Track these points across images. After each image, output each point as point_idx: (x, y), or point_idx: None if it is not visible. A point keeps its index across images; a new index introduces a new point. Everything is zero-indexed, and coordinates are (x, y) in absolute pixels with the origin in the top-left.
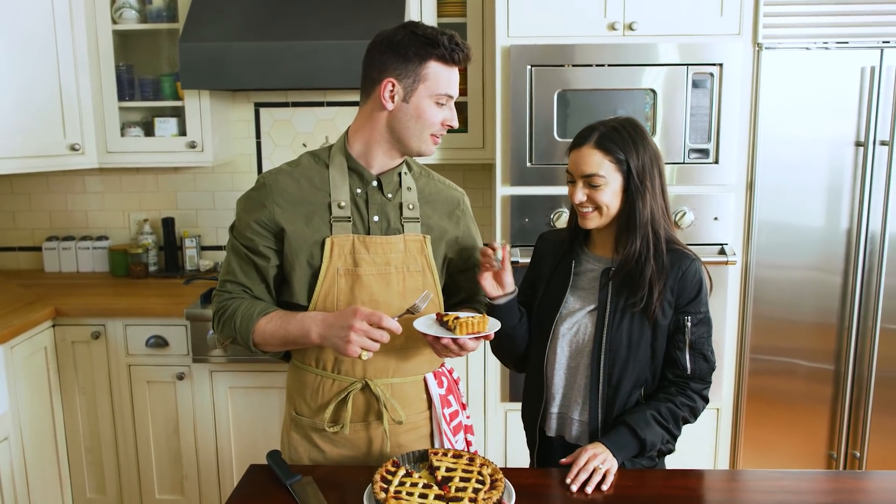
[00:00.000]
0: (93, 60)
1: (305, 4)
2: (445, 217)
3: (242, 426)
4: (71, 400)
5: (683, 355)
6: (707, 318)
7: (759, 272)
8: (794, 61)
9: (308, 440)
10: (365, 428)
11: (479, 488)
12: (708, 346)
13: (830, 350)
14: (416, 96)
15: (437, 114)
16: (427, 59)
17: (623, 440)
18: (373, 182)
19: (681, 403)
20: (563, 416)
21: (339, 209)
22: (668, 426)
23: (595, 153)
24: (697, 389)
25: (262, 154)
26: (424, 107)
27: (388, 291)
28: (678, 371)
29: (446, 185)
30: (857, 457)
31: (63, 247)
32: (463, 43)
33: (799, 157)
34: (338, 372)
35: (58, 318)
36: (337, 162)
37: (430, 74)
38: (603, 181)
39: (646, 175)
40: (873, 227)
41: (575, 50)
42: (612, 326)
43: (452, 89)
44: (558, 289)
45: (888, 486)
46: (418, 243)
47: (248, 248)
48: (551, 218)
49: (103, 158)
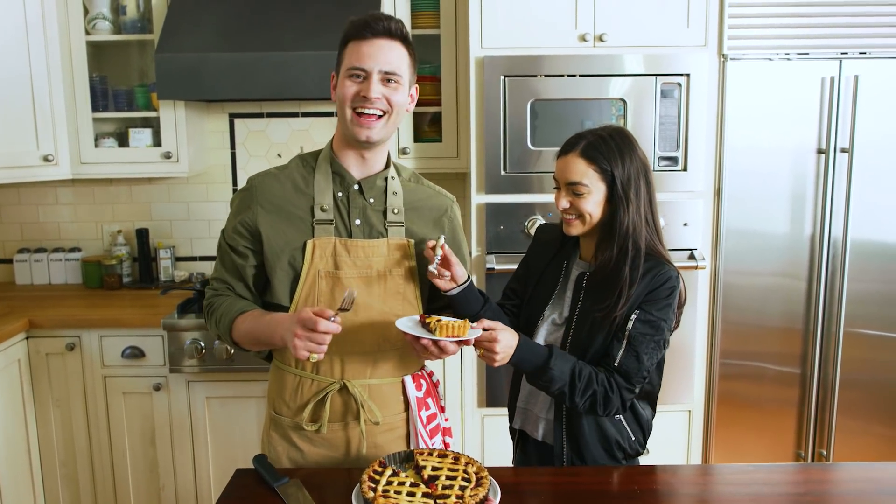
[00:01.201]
0: (66, 71)
1: (281, 16)
2: (431, 223)
3: (220, 436)
4: (45, 412)
5: (619, 346)
6: (658, 324)
7: (727, 278)
8: (757, 72)
9: (287, 440)
10: (342, 428)
11: (466, 486)
12: (645, 349)
13: (797, 353)
14: (340, 80)
15: (349, 88)
16: (346, 42)
17: (536, 351)
18: (354, 186)
19: (600, 380)
20: (526, 412)
21: (322, 212)
22: (576, 383)
23: (580, 162)
24: (620, 384)
25: (237, 165)
26: (341, 85)
27: (370, 294)
28: (607, 360)
29: (436, 191)
30: (823, 455)
31: (35, 259)
32: (371, 17)
33: (764, 165)
34: (316, 372)
35: (31, 329)
36: (323, 166)
37: (346, 55)
38: (586, 190)
39: (630, 186)
40: (836, 233)
41: (547, 61)
42: (579, 330)
43: (360, 61)
44: (548, 288)
45: (854, 476)
46: (402, 248)
47: (230, 247)
48: (525, 225)
49: (77, 169)
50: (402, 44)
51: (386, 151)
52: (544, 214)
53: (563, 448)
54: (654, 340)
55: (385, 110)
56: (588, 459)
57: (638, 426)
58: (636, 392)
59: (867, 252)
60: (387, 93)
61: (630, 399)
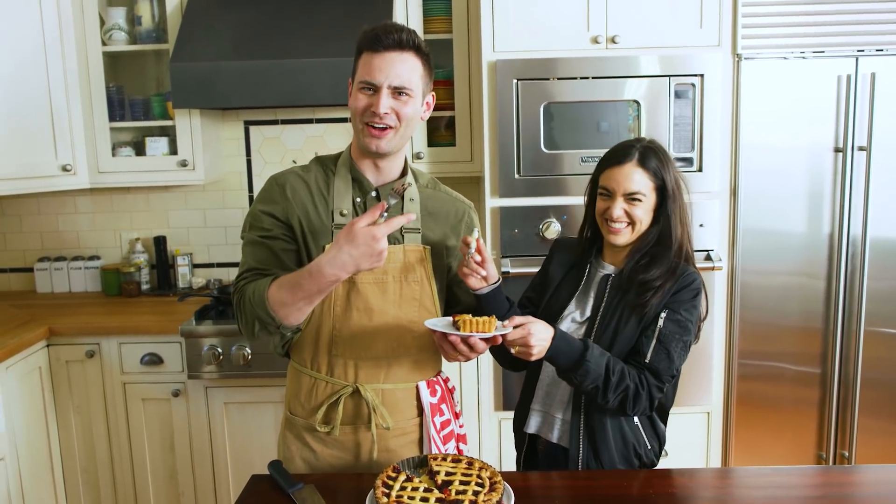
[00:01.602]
0: (83, 82)
1: (293, 23)
2: (448, 229)
3: (238, 441)
4: (66, 419)
5: (649, 343)
6: (686, 324)
7: (744, 278)
8: (772, 71)
9: (300, 440)
10: (354, 431)
11: (479, 491)
12: (675, 348)
13: (816, 353)
14: (353, 90)
15: (360, 100)
16: (360, 52)
17: (573, 344)
18: (371, 192)
19: (632, 376)
20: (545, 415)
21: (341, 217)
22: (611, 378)
23: (638, 171)
24: (650, 381)
25: (253, 171)
26: (353, 98)
27: (385, 300)
28: (638, 357)
29: (453, 196)
30: (845, 456)
31: (55, 267)
32: (383, 28)
33: (780, 164)
34: (330, 375)
35: (52, 337)
36: (342, 171)
37: (359, 66)
38: (644, 198)
39: (677, 193)
40: (854, 232)
41: (559, 63)
42: (602, 330)
43: (371, 75)
44: (566, 294)
45: (876, 479)
46: (418, 254)
47: (263, 236)
48: (540, 228)
49: (95, 178)
50: (415, 54)
51: (402, 159)
52: (559, 217)
53: (580, 450)
54: (683, 341)
55: (394, 125)
56: (605, 462)
57: (654, 435)
58: (664, 391)
59: (887, 250)
60: (396, 106)
61: (658, 398)
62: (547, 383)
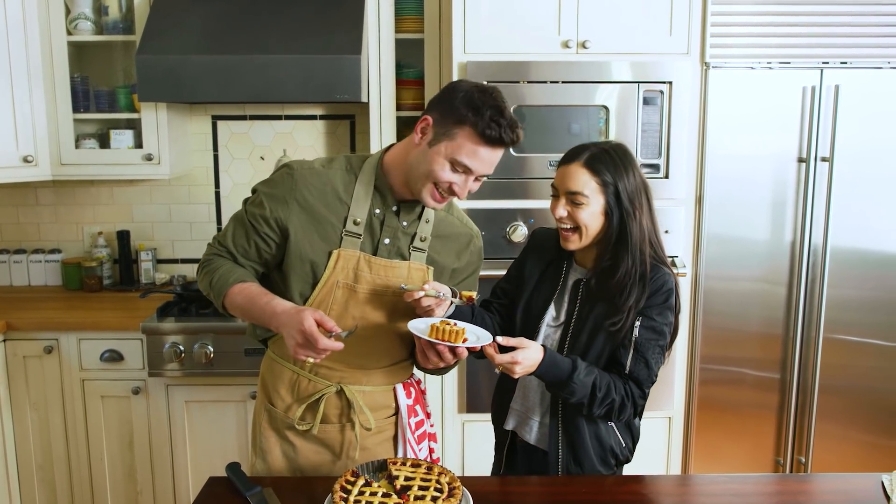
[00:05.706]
0: (47, 71)
1: (264, 18)
2: (454, 254)
3: (199, 440)
4: (22, 416)
5: (626, 353)
6: (661, 329)
7: (708, 284)
8: (739, 80)
9: (278, 433)
10: (335, 430)
11: (438, 496)
12: (653, 355)
13: (776, 359)
14: (439, 147)
15: (445, 173)
16: (464, 122)
17: (560, 366)
18: (392, 207)
19: (618, 389)
20: (523, 415)
21: (354, 225)
22: (596, 394)
23: (582, 172)
24: (634, 392)
25: (220, 167)
26: (438, 161)
27: (381, 311)
28: (618, 368)
29: (462, 222)
30: (802, 462)
31: (14, 260)
32: (506, 125)
33: (745, 173)
34: (315, 374)
35: (9, 332)
36: (366, 177)
37: (458, 138)
38: (585, 200)
39: (635, 198)
40: (815, 240)
41: (530, 67)
42: (576, 334)
43: (474, 164)
44: (545, 295)
45: (829, 488)
46: (421, 272)
47: (253, 227)
48: (507, 231)
49: (57, 170)
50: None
51: None
52: (526, 221)
53: (559, 455)
54: (659, 345)
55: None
56: (586, 466)
57: (629, 433)
58: (647, 397)
59: (847, 259)
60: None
61: (642, 406)
62: (525, 386)
